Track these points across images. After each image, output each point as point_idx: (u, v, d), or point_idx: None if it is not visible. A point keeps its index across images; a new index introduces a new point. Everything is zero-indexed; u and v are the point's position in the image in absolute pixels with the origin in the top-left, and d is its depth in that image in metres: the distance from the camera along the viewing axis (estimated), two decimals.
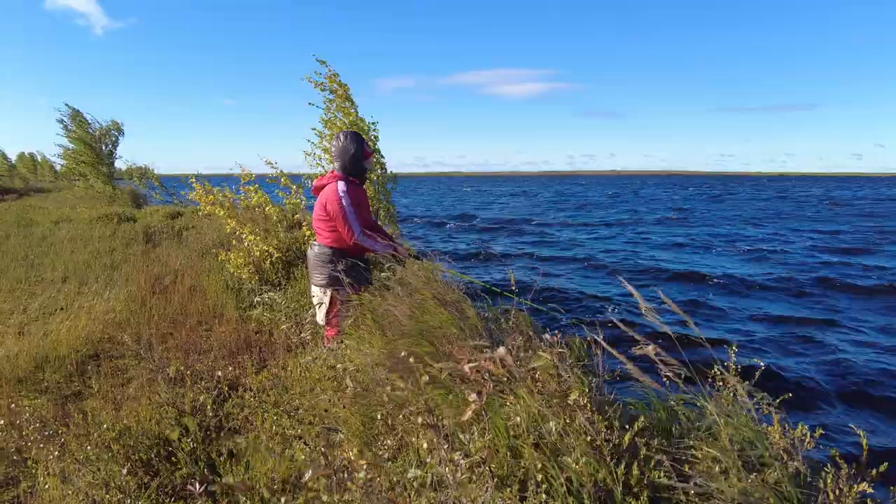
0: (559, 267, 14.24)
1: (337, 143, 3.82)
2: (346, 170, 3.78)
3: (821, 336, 7.88)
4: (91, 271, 7.74)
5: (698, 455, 1.56)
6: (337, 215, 3.65)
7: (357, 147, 3.78)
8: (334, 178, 3.78)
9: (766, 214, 31.23)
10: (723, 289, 11.22)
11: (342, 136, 3.85)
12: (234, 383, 3.60)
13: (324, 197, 3.75)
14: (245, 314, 5.54)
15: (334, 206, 3.65)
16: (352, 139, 3.80)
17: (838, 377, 6.34)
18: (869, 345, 7.55)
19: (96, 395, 3.70)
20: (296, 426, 2.50)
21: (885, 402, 5.70)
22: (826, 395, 5.90)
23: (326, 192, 3.74)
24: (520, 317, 3.03)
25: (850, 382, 6.16)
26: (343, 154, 3.77)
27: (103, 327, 5.25)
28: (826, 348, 7.32)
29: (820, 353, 7.22)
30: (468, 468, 1.59)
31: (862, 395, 5.89)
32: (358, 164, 3.80)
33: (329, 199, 3.69)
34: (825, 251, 16.37)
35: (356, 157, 3.77)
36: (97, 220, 12.44)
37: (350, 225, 3.65)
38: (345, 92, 7.28)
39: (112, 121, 18.27)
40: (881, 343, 7.61)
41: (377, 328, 3.03)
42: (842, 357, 6.95)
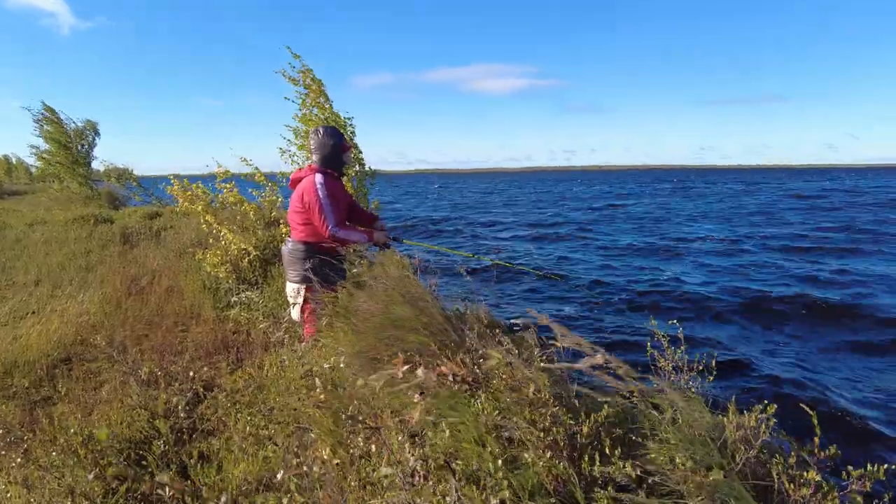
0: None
1: (315, 137, 3.80)
2: (325, 163, 3.76)
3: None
4: (65, 274, 7.59)
5: (653, 449, 1.56)
6: (313, 206, 3.62)
7: (336, 140, 3.77)
8: (312, 171, 3.76)
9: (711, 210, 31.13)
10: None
11: (321, 129, 3.84)
12: (209, 384, 3.55)
13: (301, 188, 3.73)
14: (222, 314, 5.47)
15: (311, 197, 3.63)
16: (331, 133, 3.80)
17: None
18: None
19: (66, 399, 3.62)
20: (269, 427, 2.46)
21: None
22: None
23: (304, 184, 3.72)
24: (482, 311, 3.02)
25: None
26: (322, 147, 3.75)
27: (76, 330, 5.15)
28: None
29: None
30: (433, 468, 1.57)
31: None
32: (337, 157, 3.80)
33: (306, 189, 3.66)
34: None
35: (335, 150, 3.76)
36: (73, 221, 12.21)
37: (325, 217, 3.62)
38: (319, 87, 7.22)
39: (87, 121, 17.94)
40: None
41: (349, 326, 3.00)
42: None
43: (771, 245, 15.94)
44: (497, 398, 2.01)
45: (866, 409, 5.32)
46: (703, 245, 16.36)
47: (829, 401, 5.40)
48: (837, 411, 5.21)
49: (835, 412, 5.19)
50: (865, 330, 7.80)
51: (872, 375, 6.19)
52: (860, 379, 6.09)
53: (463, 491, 1.50)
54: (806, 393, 5.60)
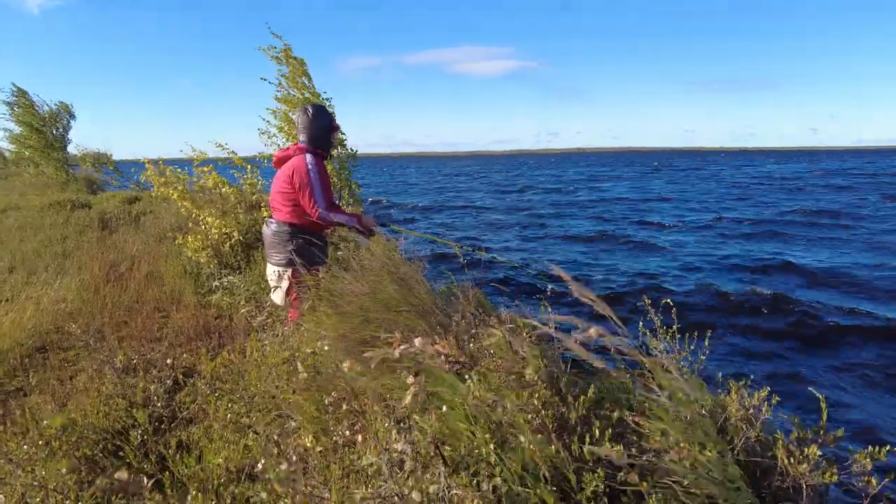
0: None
1: (304, 117, 3.68)
2: (314, 142, 3.66)
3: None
4: (41, 260, 7.38)
5: (647, 428, 1.50)
6: (304, 186, 3.52)
7: (325, 120, 3.68)
8: (300, 150, 3.65)
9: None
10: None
11: (309, 108, 3.73)
12: (189, 371, 3.46)
13: (290, 167, 3.60)
14: (204, 299, 5.35)
15: (302, 177, 3.52)
16: (319, 111, 3.70)
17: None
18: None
19: (40, 389, 3.50)
20: (250, 414, 2.38)
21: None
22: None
23: (293, 164, 3.60)
24: (472, 292, 2.95)
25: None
26: (310, 127, 3.65)
27: (53, 318, 5.01)
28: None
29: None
30: (422, 454, 1.51)
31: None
32: (325, 137, 3.71)
33: (297, 169, 3.55)
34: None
35: (323, 130, 3.67)
36: (49, 207, 11.89)
37: (315, 198, 3.52)
38: (301, 67, 7.04)
39: (61, 103, 17.39)
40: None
41: (333, 309, 2.92)
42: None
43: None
44: (489, 379, 1.95)
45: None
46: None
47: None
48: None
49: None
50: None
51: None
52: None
53: (452, 479, 1.44)
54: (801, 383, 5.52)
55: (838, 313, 7.67)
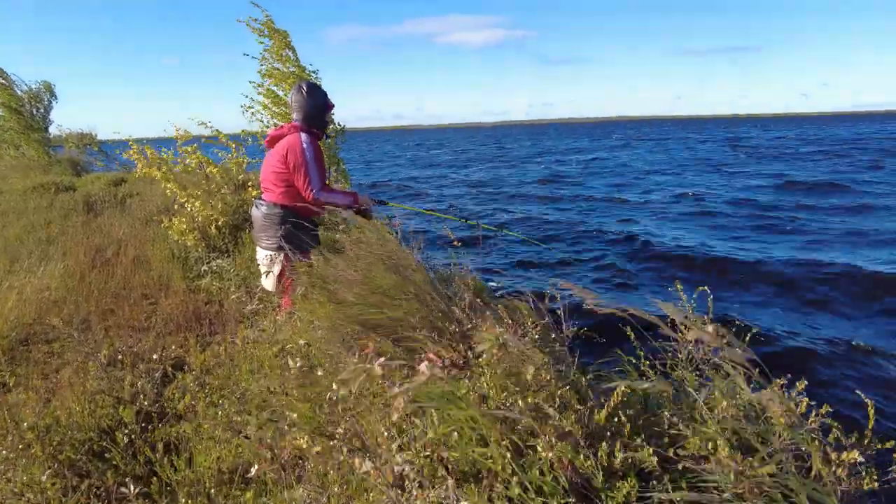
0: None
1: (299, 95, 3.54)
2: (309, 121, 3.53)
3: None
4: (24, 247, 7.16)
5: (686, 434, 1.38)
6: (299, 166, 3.38)
7: (319, 98, 3.54)
8: (295, 129, 3.50)
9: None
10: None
11: (304, 86, 3.58)
12: (178, 362, 3.32)
13: (284, 146, 3.45)
14: (193, 284, 5.19)
15: (297, 157, 3.38)
16: (314, 89, 3.57)
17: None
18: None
19: (24, 385, 3.35)
20: (242, 412, 2.25)
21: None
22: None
23: (288, 143, 3.45)
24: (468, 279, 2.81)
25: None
26: (305, 105, 3.51)
27: (36, 308, 4.83)
28: None
29: None
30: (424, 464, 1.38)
31: None
32: (320, 115, 3.59)
33: (291, 148, 3.40)
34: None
35: (319, 108, 3.55)
36: (31, 190, 11.59)
37: (311, 178, 3.39)
38: (283, 39, 6.77)
39: (43, 82, 16.85)
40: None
41: (327, 297, 2.77)
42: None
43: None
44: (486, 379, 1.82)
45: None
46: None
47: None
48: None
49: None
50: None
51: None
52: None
53: (461, 491, 1.31)
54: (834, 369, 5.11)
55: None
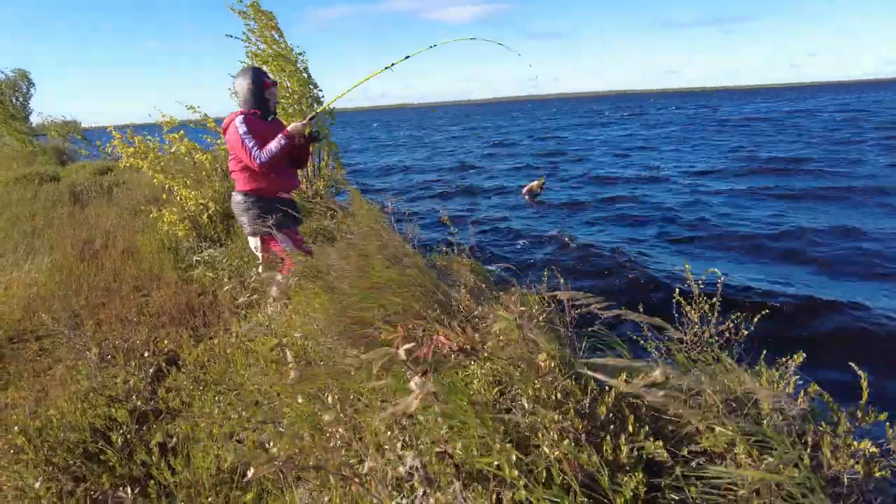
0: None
1: (236, 81, 3.60)
2: (247, 105, 3.57)
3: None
4: (9, 241, 7.03)
5: (694, 425, 1.34)
6: (237, 144, 3.41)
7: (252, 79, 3.54)
8: (233, 116, 3.54)
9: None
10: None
11: (239, 72, 3.64)
12: (172, 357, 3.25)
13: (225, 134, 3.59)
14: (185, 275, 5.10)
15: (233, 137, 3.43)
16: (246, 72, 3.58)
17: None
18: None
19: (15, 384, 3.28)
20: (238, 410, 2.20)
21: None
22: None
23: (226, 128, 3.56)
24: (469, 266, 2.76)
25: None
26: (240, 90, 3.56)
27: (25, 304, 4.74)
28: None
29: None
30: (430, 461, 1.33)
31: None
32: (257, 96, 3.57)
33: (228, 133, 3.50)
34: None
35: (252, 89, 3.54)
36: (15, 181, 11.37)
37: (249, 148, 3.39)
38: (269, 21, 6.59)
39: (18, 70, 16.44)
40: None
41: (324, 288, 2.71)
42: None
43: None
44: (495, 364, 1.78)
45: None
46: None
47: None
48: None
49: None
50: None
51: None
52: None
53: (467, 492, 1.27)
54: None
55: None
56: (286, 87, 6.47)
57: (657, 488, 1.34)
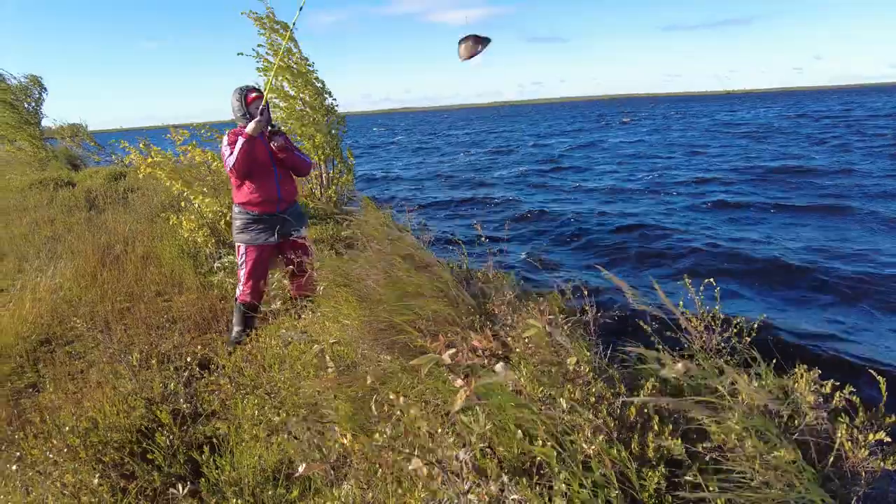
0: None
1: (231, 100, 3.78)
2: (238, 120, 3.73)
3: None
4: (30, 245, 7.19)
5: (710, 426, 1.46)
6: (223, 161, 3.60)
7: (237, 95, 3.71)
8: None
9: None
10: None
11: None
12: (203, 362, 3.39)
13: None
14: (206, 280, 5.24)
15: (221, 156, 3.68)
16: (235, 90, 3.74)
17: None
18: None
19: (52, 387, 3.42)
20: (279, 412, 2.33)
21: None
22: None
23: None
24: (500, 276, 2.88)
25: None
26: (231, 107, 3.75)
27: (52, 308, 4.88)
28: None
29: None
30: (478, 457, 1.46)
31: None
32: (242, 109, 3.71)
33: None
34: None
35: (237, 105, 3.70)
36: (31, 187, 11.56)
37: (225, 159, 3.57)
38: (284, 32, 6.74)
39: (30, 76, 16.63)
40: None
41: (353, 295, 2.84)
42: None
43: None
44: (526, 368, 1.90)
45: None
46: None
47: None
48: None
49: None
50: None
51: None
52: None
53: (511, 483, 1.40)
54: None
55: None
56: (300, 97, 6.61)
57: (678, 486, 1.46)
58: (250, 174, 3.61)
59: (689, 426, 1.59)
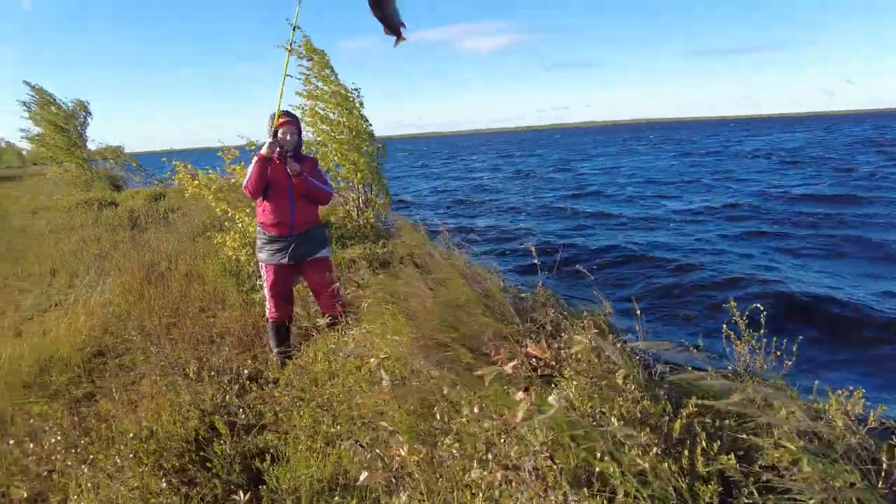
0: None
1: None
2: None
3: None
4: (80, 262, 7.50)
5: (760, 443, 1.51)
6: None
7: (267, 122, 3.79)
8: None
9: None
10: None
11: None
12: (252, 375, 3.51)
13: None
14: (248, 297, 5.40)
15: None
16: (268, 116, 3.83)
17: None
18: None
19: (108, 397, 3.57)
20: (333, 423, 2.42)
21: None
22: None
23: None
24: (546, 293, 2.95)
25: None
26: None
27: (103, 322, 5.10)
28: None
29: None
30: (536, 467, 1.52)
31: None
32: (272, 135, 3.77)
33: None
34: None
35: (268, 130, 3.75)
36: (77, 207, 12.05)
37: (243, 182, 3.72)
38: (322, 59, 6.97)
39: (77, 100, 17.46)
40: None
41: (401, 312, 2.93)
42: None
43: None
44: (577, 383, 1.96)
45: None
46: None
47: None
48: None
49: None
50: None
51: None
52: None
53: (573, 493, 1.46)
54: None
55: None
56: (341, 123, 6.82)
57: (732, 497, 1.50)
58: (266, 195, 3.73)
59: (736, 445, 1.63)
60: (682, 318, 7.03)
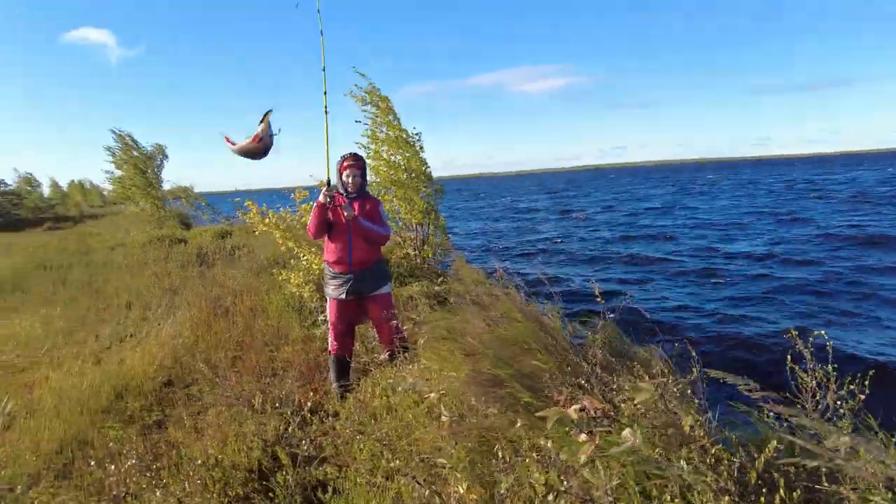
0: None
1: None
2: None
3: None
4: (152, 296, 7.94)
5: (843, 493, 1.43)
6: None
7: (337, 164, 4.01)
8: None
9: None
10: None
11: None
12: (314, 408, 3.59)
13: None
14: (310, 332, 5.56)
15: None
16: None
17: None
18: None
19: (177, 424, 3.74)
20: (392, 458, 2.45)
21: None
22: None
23: None
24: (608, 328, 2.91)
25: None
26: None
27: (173, 353, 5.36)
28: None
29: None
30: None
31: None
32: (337, 177, 4.02)
33: None
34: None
35: (337, 175, 4.00)
36: (150, 243, 12.82)
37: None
38: (386, 105, 7.27)
39: (156, 144, 18.84)
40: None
41: (458, 349, 2.96)
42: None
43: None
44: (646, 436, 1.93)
45: None
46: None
47: None
48: None
49: None
50: None
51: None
52: None
53: None
54: None
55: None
56: (401, 166, 7.07)
57: None
58: (330, 234, 3.95)
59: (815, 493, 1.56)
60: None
